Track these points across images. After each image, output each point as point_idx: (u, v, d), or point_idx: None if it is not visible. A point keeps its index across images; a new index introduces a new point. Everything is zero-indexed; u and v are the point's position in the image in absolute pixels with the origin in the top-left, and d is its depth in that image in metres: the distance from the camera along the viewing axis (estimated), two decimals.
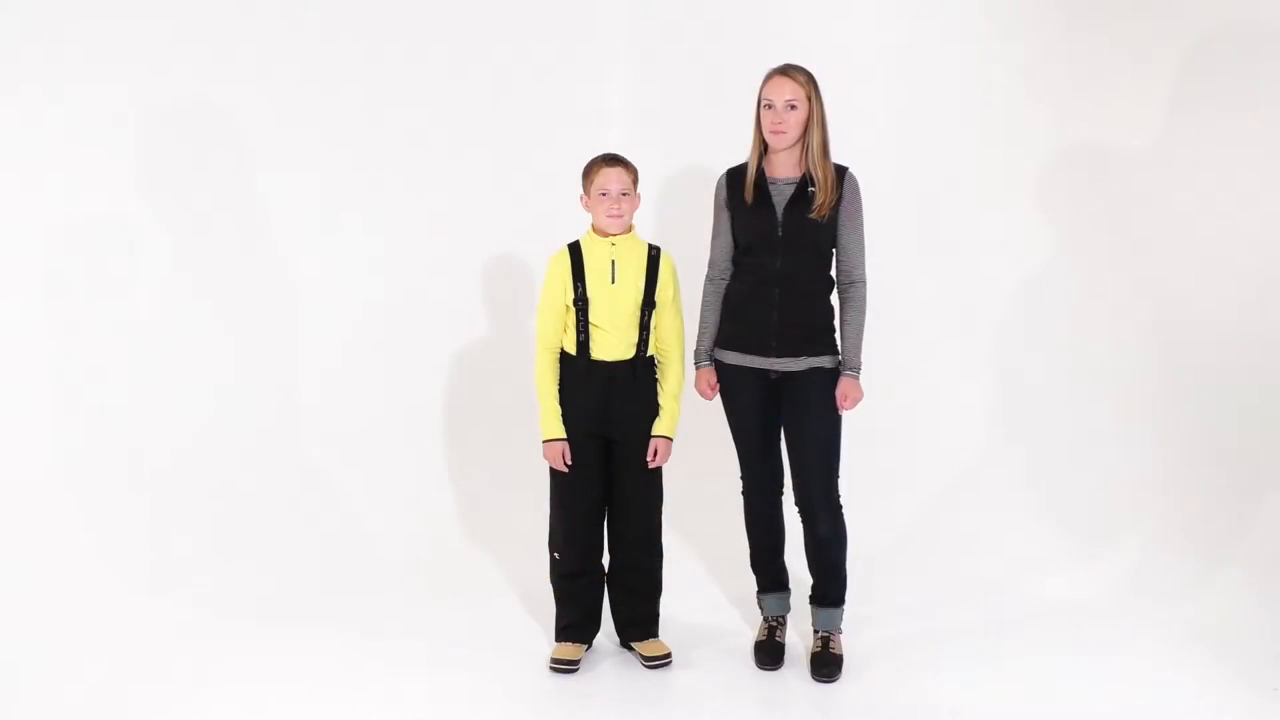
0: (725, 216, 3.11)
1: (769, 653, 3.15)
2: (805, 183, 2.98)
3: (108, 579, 3.45)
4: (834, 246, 3.03)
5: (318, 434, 4.01)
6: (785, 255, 2.99)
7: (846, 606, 3.13)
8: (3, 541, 3.44)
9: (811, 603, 3.14)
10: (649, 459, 3.11)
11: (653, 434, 3.11)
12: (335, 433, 4.04)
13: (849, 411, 3.04)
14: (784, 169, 3.02)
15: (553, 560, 3.20)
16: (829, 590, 3.10)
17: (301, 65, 3.94)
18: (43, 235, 3.59)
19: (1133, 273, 3.70)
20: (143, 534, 3.61)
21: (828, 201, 2.96)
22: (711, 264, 3.17)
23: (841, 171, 3.01)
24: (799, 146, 2.99)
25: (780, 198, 3.00)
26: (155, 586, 3.47)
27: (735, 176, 3.08)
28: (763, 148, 3.03)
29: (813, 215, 2.96)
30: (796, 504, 3.05)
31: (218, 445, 3.82)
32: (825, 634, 3.09)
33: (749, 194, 3.02)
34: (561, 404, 3.09)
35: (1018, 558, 3.74)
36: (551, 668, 3.07)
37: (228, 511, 3.76)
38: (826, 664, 3.02)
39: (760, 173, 3.03)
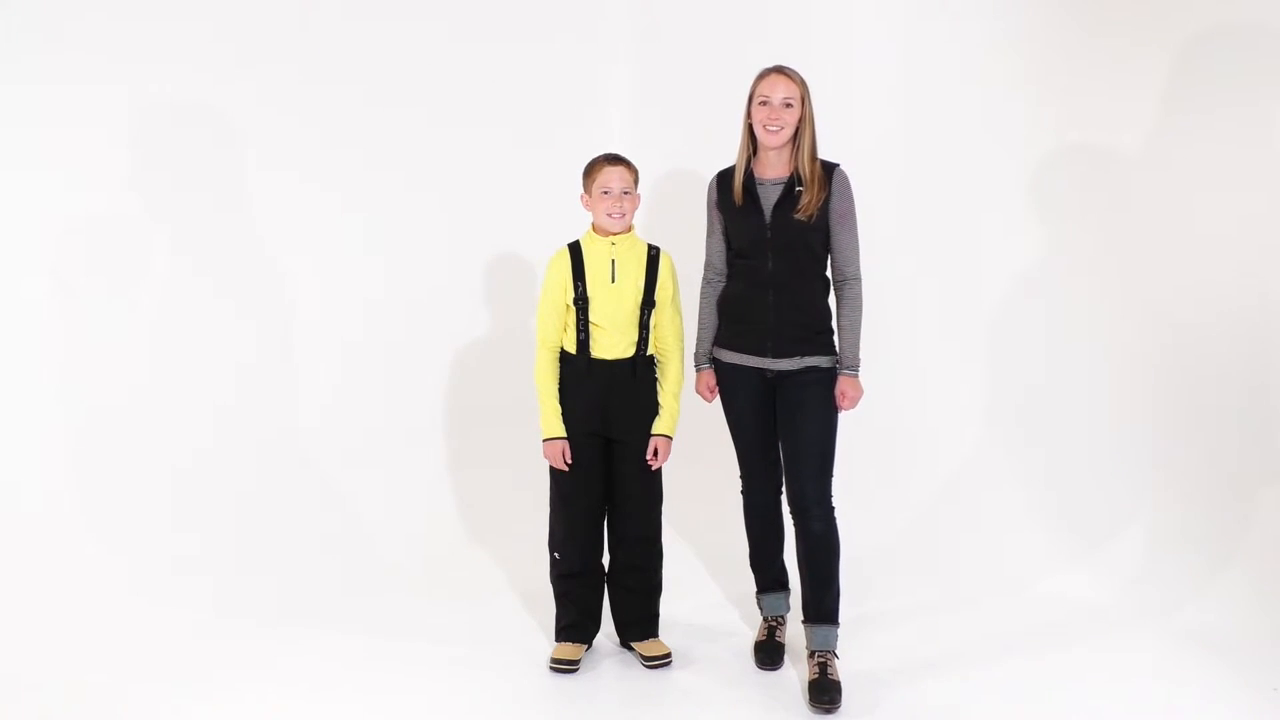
0: (717, 219, 3.11)
1: (769, 652, 3.14)
2: (793, 183, 2.97)
3: (109, 579, 3.45)
4: (828, 245, 3.02)
5: (318, 434, 4.01)
6: (776, 256, 2.97)
7: (842, 608, 3.02)
8: (6, 543, 3.43)
9: (805, 622, 3.00)
10: (649, 458, 3.11)
11: (652, 433, 3.11)
12: (336, 432, 4.04)
13: (849, 411, 3.02)
14: (772, 169, 3.00)
15: (553, 560, 3.19)
16: (822, 601, 2.97)
17: (301, 65, 3.94)
18: (47, 237, 3.58)
19: (1132, 272, 3.70)
20: (144, 534, 3.60)
21: (814, 200, 2.94)
22: (707, 266, 3.17)
23: (830, 169, 2.99)
24: (789, 146, 2.98)
25: (768, 199, 2.98)
26: (156, 586, 3.46)
27: (725, 179, 3.07)
28: (751, 149, 3.02)
29: (798, 215, 2.94)
30: (789, 503, 3.04)
31: (218, 445, 3.81)
32: (822, 658, 2.94)
33: (738, 196, 3.01)
34: (561, 403, 3.10)
35: (1016, 557, 3.74)
36: (551, 668, 3.07)
37: (228, 511, 3.76)
38: (827, 690, 2.85)
39: (749, 174, 3.02)
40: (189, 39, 3.73)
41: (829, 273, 3.05)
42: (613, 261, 3.07)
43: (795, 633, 3.16)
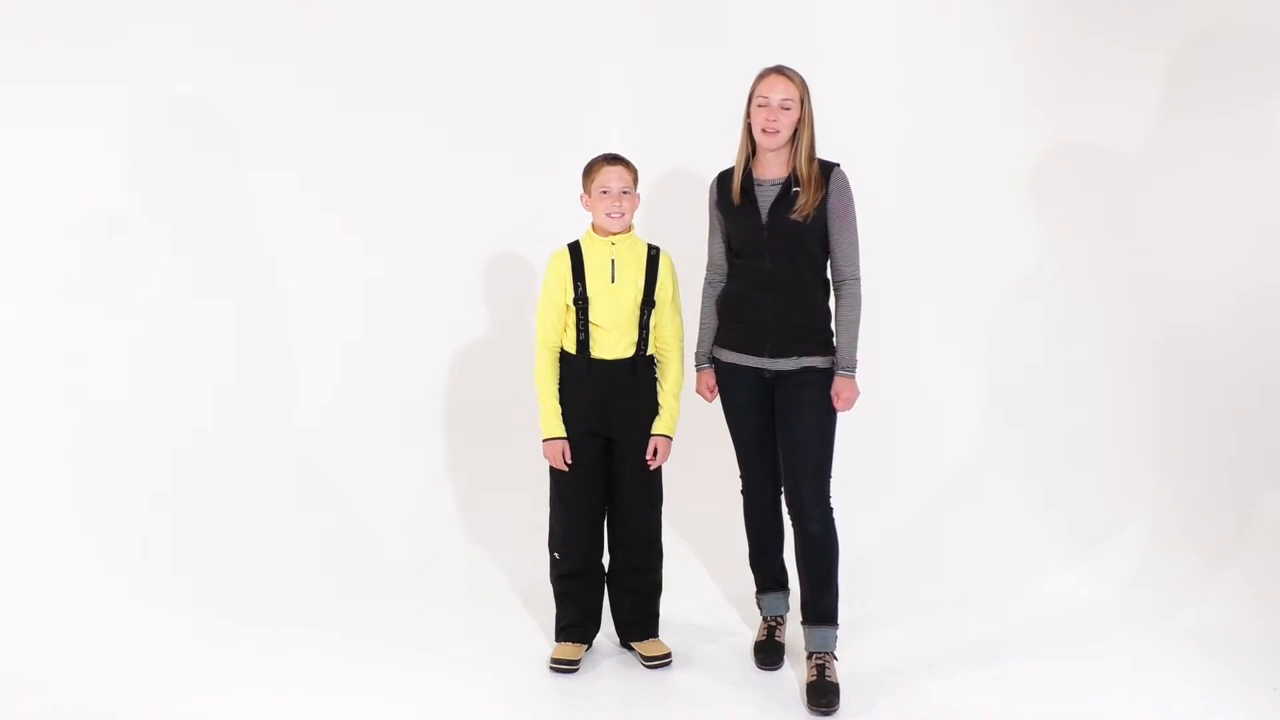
0: (718, 219, 3.11)
1: (768, 653, 3.14)
2: (790, 183, 2.97)
3: (109, 579, 3.45)
4: (827, 246, 3.00)
5: (318, 433, 4.01)
6: (773, 257, 2.97)
7: (841, 608, 3.02)
8: (6, 543, 3.42)
9: (804, 623, 3.00)
10: (649, 458, 3.11)
11: (652, 433, 3.11)
12: (335, 432, 4.04)
13: (846, 411, 3.02)
14: (771, 170, 3.00)
15: (553, 560, 3.20)
16: (821, 602, 2.97)
17: (301, 65, 3.94)
18: (47, 237, 3.57)
19: (1132, 272, 3.70)
20: (143, 534, 3.60)
21: (810, 201, 2.93)
22: (709, 267, 3.17)
23: (829, 169, 2.98)
24: (788, 147, 2.97)
25: (765, 199, 2.98)
26: (156, 586, 3.46)
27: (725, 179, 3.08)
28: (750, 149, 3.02)
29: (794, 216, 2.94)
30: (786, 504, 3.04)
31: (218, 445, 3.81)
32: (820, 660, 2.94)
33: (736, 196, 3.01)
34: (561, 403, 3.10)
35: (1016, 558, 3.74)
36: (551, 668, 3.07)
37: (228, 511, 3.76)
38: (825, 692, 2.85)
39: (747, 175, 3.02)
40: (189, 39, 3.72)
41: (828, 273, 3.05)
42: (612, 261, 3.07)
43: (795, 633, 3.16)
